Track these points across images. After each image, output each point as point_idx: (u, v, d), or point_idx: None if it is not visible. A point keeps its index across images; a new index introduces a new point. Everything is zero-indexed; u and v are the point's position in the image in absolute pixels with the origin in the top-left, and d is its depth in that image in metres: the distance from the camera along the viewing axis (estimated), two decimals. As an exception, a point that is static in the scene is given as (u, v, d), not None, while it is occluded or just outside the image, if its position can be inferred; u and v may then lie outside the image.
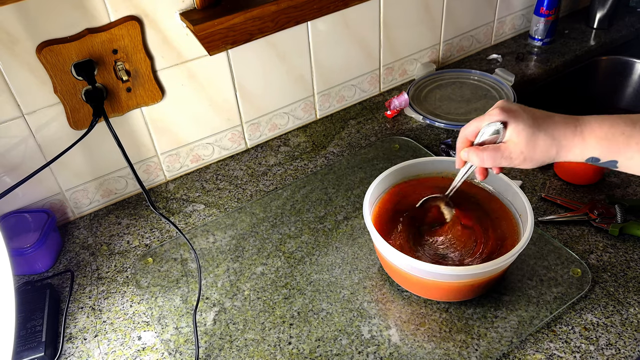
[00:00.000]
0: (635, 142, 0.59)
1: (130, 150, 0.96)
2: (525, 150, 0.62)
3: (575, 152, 0.62)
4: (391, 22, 1.15)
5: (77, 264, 0.90)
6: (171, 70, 0.94)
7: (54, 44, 0.81)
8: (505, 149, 0.64)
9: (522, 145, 0.62)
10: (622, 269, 0.81)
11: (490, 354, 0.72)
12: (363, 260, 0.86)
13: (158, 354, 0.76)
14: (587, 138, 0.61)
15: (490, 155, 0.64)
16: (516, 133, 0.62)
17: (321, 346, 0.74)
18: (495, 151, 0.64)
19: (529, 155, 0.63)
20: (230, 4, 0.91)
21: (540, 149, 0.62)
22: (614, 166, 0.62)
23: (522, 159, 0.63)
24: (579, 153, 0.62)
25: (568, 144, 0.62)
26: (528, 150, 0.62)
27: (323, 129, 1.16)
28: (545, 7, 1.32)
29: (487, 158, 0.65)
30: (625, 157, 0.60)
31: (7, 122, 0.84)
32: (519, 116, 0.63)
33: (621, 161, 0.61)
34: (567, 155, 0.62)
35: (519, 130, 0.62)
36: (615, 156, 0.61)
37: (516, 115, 0.63)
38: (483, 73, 1.24)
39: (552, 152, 0.62)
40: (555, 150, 0.62)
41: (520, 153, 0.63)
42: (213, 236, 0.92)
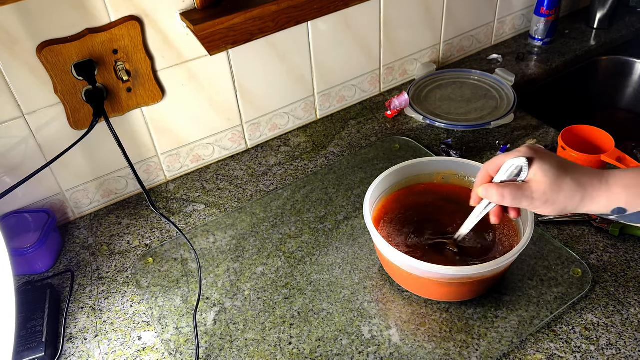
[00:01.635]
0: None
1: (131, 151, 0.96)
2: (549, 192, 0.59)
3: (601, 202, 0.59)
4: (391, 22, 1.15)
5: (78, 264, 0.90)
6: (171, 70, 0.94)
7: (54, 44, 0.81)
8: (528, 187, 0.61)
9: (546, 186, 0.60)
10: (623, 269, 0.81)
11: (490, 354, 0.72)
12: (363, 260, 0.86)
13: (158, 354, 0.76)
14: (613, 187, 0.58)
15: (512, 193, 0.61)
16: (542, 172, 0.60)
17: (322, 346, 0.74)
18: (517, 189, 0.61)
19: (551, 197, 0.60)
20: (231, 4, 0.90)
21: (564, 193, 0.59)
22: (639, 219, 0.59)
23: (544, 201, 0.60)
24: (605, 204, 0.59)
25: (594, 193, 0.59)
26: (552, 192, 0.59)
27: (323, 129, 1.16)
28: (545, 7, 1.32)
29: (508, 195, 0.61)
30: None
31: (7, 122, 0.84)
32: (546, 156, 0.60)
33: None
34: (591, 206, 0.60)
35: (545, 170, 0.59)
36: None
37: (543, 156, 0.60)
38: (483, 73, 1.24)
39: (577, 199, 0.59)
40: (579, 198, 0.59)
41: (543, 194, 0.60)
42: (213, 236, 0.92)
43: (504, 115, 1.12)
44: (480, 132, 1.11)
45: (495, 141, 1.07)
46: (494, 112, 1.14)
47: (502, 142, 1.07)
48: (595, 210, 0.60)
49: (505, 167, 0.62)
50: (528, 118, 1.14)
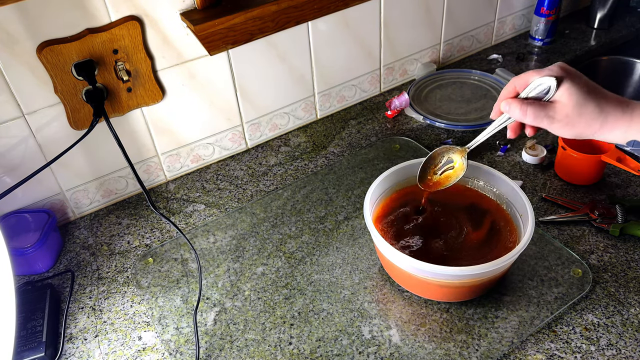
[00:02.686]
0: None
1: (131, 151, 0.96)
2: (571, 114, 0.60)
3: (617, 133, 0.60)
4: (391, 22, 1.15)
5: (78, 264, 0.90)
6: (171, 70, 0.94)
7: (54, 44, 0.80)
8: (551, 107, 0.61)
9: (569, 109, 0.60)
10: (623, 269, 0.81)
11: (490, 354, 0.72)
12: (364, 260, 0.86)
13: (158, 354, 0.76)
14: (635, 118, 0.59)
15: (534, 111, 0.61)
16: (568, 94, 0.60)
17: (322, 346, 0.74)
18: (541, 108, 0.61)
19: (572, 120, 0.60)
20: (231, 4, 0.90)
21: (585, 118, 0.60)
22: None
23: (565, 123, 0.61)
24: (621, 135, 0.60)
25: (614, 122, 0.59)
26: (574, 115, 0.60)
27: (323, 129, 1.16)
28: (545, 7, 1.32)
29: (531, 112, 0.62)
30: None
31: (7, 122, 0.84)
32: (576, 78, 0.61)
33: None
34: (608, 134, 0.60)
35: (572, 92, 0.60)
36: None
37: (574, 77, 0.61)
38: (483, 73, 1.24)
39: (596, 125, 0.60)
40: (599, 125, 0.60)
41: (565, 116, 0.60)
42: (213, 236, 0.92)
43: (504, 115, 1.11)
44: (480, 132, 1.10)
45: (495, 141, 1.07)
46: (494, 112, 1.14)
47: (502, 142, 1.07)
48: (611, 139, 0.61)
49: (533, 85, 0.62)
50: (528, 118, 1.14)
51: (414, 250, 0.78)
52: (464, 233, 0.80)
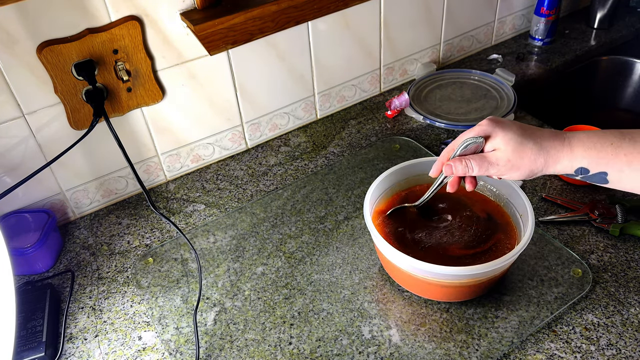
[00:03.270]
0: (623, 154, 0.59)
1: (131, 150, 0.96)
2: (513, 158, 0.63)
3: (564, 162, 0.62)
4: (391, 22, 1.15)
5: (78, 264, 0.90)
6: (171, 70, 0.94)
7: (54, 44, 0.80)
8: (492, 156, 0.65)
9: (509, 153, 0.63)
10: (623, 269, 0.81)
11: (490, 354, 0.72)
12: (363, 260, 0.86)
13: (158, 354, 0.76)
14: (575, 148, 0.62)
15: (477, 162, 0.65)
16: (504, 142, 0.63)
17: (322, 346, 0.74)
18: (481, 159, 0.65)
19: (516, 163, 0.63)
20: (231, 4, 0.90)
21: (527, 157, 0.63)
22: (604, 180, 0.62)
23: (510, 167, 0.64)
24: (568, 164, 0.62)
25: (556, 154, 0.62)
26: (515, 158, 0.63)
27: (323, 129, 1.16)
28: (545, 7, 1.32)
29: (474, 165, 0.65)
30: (614, 169, 0.60)
31: (7, 122, 0.84)
32: (507, 127, 0.64)
33: (610, 173, 0.61)
34: (555, 166, 0.63)
35: (507, 140, 0.63)
36: (604, 167, 0.61)
37: (504, 126, 0.64)
38: (483, 73, 1.24)
39: (540, 161, 0.63)
40: (543, 160, 0.63)
41: (507, 161, 0.64)
42: (213, 236, 0.92)
43: (504, 115, 1.12)
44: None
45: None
46: (494, 112, 1.14)
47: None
48: (560, 171, 0.63)
49: (464, 143, 0.66)
50: (528, 118, 1.14)
51: (414, 250, 0.78)
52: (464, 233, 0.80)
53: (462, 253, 0.77)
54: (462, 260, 0.76)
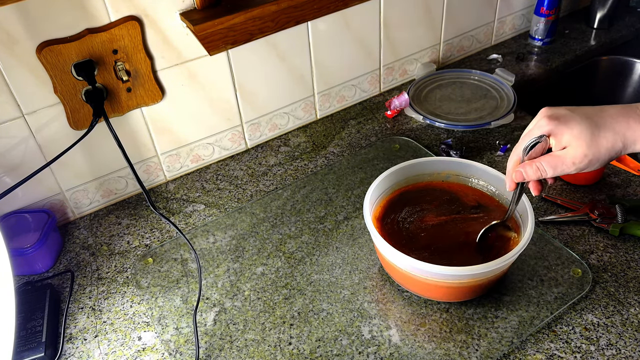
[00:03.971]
0: None
1: (131, 151, 0.96)
2: (589, 152, 0.59)
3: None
4: (391, 22, 1.15)
5: (77, 264, 0.90)
6: (171, 70, 0.94)
7: (54, 44, 0.80)
8: (565, 155, 0.60)
9: (584, 148, 0.59)
10: (623, 269, 0.81)
11: (490, 354, 0.72)
12: (363, 260, 0.86)
13: (158, 354, 0.76)
14: None
15: (550, 164, 0.61)
16: (574, 138, 0.59)
17: (321, 346, 0.74)
18: (554, 159, 0.61)
19: (594, 156, 0.59)
20: (231, 4, 0.90)
21: (604, 147, 0.58)
22: None
23: (588, 162, 0.59)
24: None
25: (634, 135, 0.58)
26: (592, 151, 0.59)
27: (323, 129, 1.16)
28: (545, 7, 1.32)
29: (547, 167, 0.61)
30: None
31: (7, 122, 0.84)
32: (571, 119, 0.59)
33: None
34: (635, 146, 0.58)
35: (577, 135, 0.59)
36: None
37: (568, 120, 0.60)
38: (483, 73, 1.24)
39: (618, 146, 0.58)
40: (621, 145, 0.58)
41: (584, 156, 0.59)
42: (213, 236, 0.92)
43: (504, 115, 1.12)
44: (480, 132, 1.11)
45: (495, 141, 1.07)
46: (494, 112, 1.14)
47: (502, 142, 1.07)
48: None
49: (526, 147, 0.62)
50: (528, 118, 1.14)
51: (414, 250, 0.78)
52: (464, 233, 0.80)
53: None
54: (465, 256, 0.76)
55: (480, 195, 0.86)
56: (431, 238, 0.80)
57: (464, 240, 0.79)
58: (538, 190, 0.68)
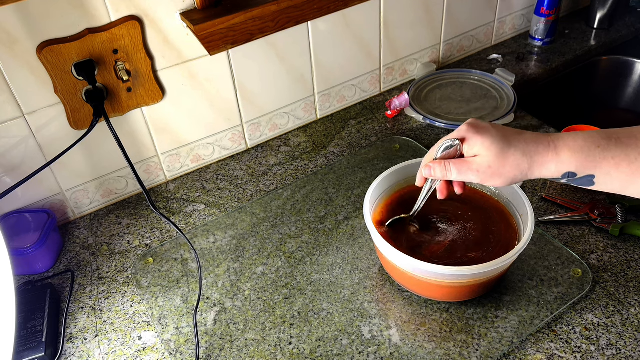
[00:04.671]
0: (611, 157, 0.58)
1: (131, 150, 0.96)
2: (494, 165, 0.61)
3: (550, 167, 0.60)
4: (391, 22, 1.15)
5: (78, 264, 0.90)
6: (171, 70, 0.94)
7: (54, 44, 0.80)
8: (472, 162, 0.63)
9: (490, 160, 0.61)
10: (623, 269, 0.81)
11: (490, 354, 0.72)
12: (363, 260, 0.86)
13: (158, 354, 0.76)
14: (561, 152, 0.59)
15: (456, 167, 0.64)
16: (485, 148, 0.61)
17: (322, 346, 0.74)
18: (461, 164, 0.64)
19: (497, 170, 0.61)
20: (231, 4, 0.90)
21: (510, 164, 0.61)
22: (590, 183, 0.60)
23: (491, 174, 0.62)
24: (554, 169, 0.60)
25: (541, 160, 0.60)
26: (497, 165, 0.61)
27: (323, 129, 1.16)
28: (545, 7, 1.32)
29: (453, 169, 0.64)
30: (602, 171, 0.59)
31: (7, 122, 0.84)
32: (487, 132, 0.62)
33: (598, 176, 0.59)
34: (541, 172, 0.61)
35: (488, 145, 0.61)
36: (592, 170, 0.59)
37: (484, 131, 0.62)
38: (483, 73, 1.24)
39: (524, 167, 0.61)
40: (527, 166, 0.61)
41: (488, 167, 0.62)
42: (213, 236, 0.92)
43: (504, 115, 1.12)
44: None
45: (496, 141, 1.07)
46: (494, 112, 1.14)
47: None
48: (546, 176, 0.61)
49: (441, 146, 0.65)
50: (528, 118, 1.14)
51: (414, 250, 0.78)
52: (464, 233, 0.80)
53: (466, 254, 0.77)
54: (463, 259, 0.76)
55: (479, 195, 0.86)
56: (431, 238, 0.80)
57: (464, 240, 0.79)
58: (443, 195, 0.71)
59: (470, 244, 0.79)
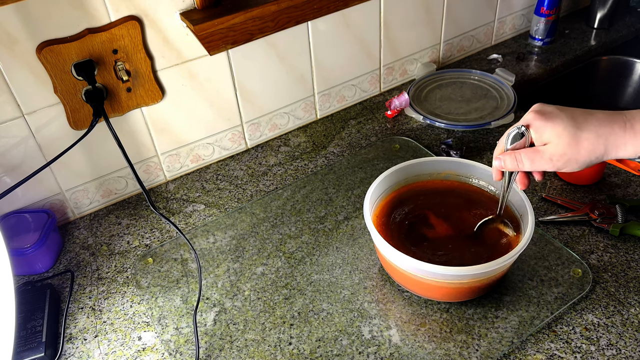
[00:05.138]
0: None
1: (131, 150, 0.96)
2: (569, 151, 0.59)
3: (628, 149, 0.58)
4: (391, 22, 1.15)
5: (77, 264, 0.90)
6: (171, 70, 0.94)
7: (54, 44, 0.80)
8: (545, 151, 0.60)
9: (564, 147, 0.59)
10: (623, 269, 0.81)
11: (491, 355, 0.72)
12: (363, 260, 0.86)
13: (158, 355, 0.76)
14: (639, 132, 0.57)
15: (528, 156, 0.61)
16: (556, 135, 0.59)
17: (322, 346, 0.74)
18: (533, 152, 0.61)
19: (573, 156, 0.59)
20: (231, 4, 0.90)
21: (584, 148, 0.58)
22: None
23: (566, 161, 0.60)
24: (632, 150, 0.58)
25: (617, 141, 0.58)
26: (571, 151, 0.59)
27: (323, 129, 1.16)
28: (545, 7, 1.32)
29: (525, 159, 0.62)
30: None
31: (7, 122, 0.84)
32: (556, 117, 0.60)
33: None
34: (617, 153, 0.58)
35: (559, 132, 0.59)
36: None
37: (553, 117, 0.60)
38: (483, 73, 1.24)
39: (599, 150, 0.58)
40: (602, 149, 0.58)
41: (562, 155, 0.59)
42: (213, 236, 0.92)
43: (504, 115, 1.12)
44: (480, 132, 1.11)
45: (496, 141, 1.07)
46: (494, 112, 1.14)
47: (502, 142, 1.07)
48: (622, 156, 0.59)
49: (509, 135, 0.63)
50: (528, 118, 1.14)
51: (414, 250, 0.78)
52: (464, 233, 0.80)
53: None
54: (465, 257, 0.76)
55: (480, 195, 0.86)
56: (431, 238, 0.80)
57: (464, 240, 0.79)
58: (524, 185, 0.69)
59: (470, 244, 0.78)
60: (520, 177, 0.69)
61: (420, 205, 0.85)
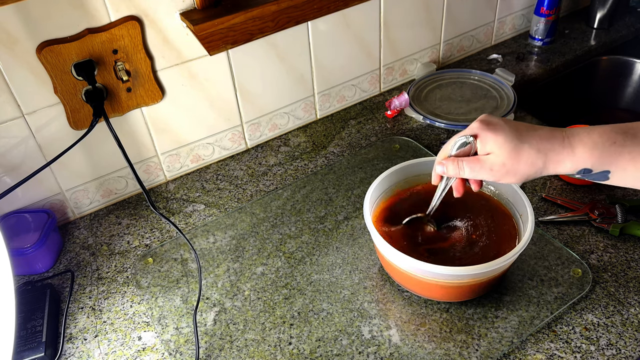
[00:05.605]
0: (627, 152, 0.57)
1: (131, 150, 0.96)
2: (509, 162, 0.60)
3: (566, 164, 0.59)
4: (391, 22, 1.15)
5: (78, 264, 0.90)
6: (171, 70, 0.94)
7: (54, 44, 0.80)
8: (485, 160, 0.62)
9: (504, 158, 0.60)
10: (623, 269, 0.81)
11: (490, 354, 0.72)
12: (363, 260, 0.86)
13: (158, 354, 0.76)
14: (576, 149, 0.59)
15: (469, 165, 0.63)
16: (497, 146, 0.60)
17: (322, 346, 0.74)
18: (474, 161, 0.62)
19: (512, 168, 0.60)
20: (231, 4, 0.90)
21: (524, 161, 0.60)
22: (605, 178, 0.59)
23: (505, 172, 0.61)
24: (570, 166, 0.59)
25: (556, 157, 0.59)
26: (511, 162, 0.60)
27: (323, 129, 1.16)
28: (545, 7, 1.32)
29: (466, 167, 0.63)
30: (618, 167, 0.58)
31: (7, 122, 0.84)
32: (500, 129, 0.61)
33: (614, 171, 0.59)
34: (556, 168, 0.60)
35: (501, 143, 0.60)
36: (608, 166, 0.58)
37: (498, 128, 0.61)
38: (483, 73, 1.24)
39: (538, 164, 0.60)
40: (541, 164, 0.60)
41: (502, 165, 0.61)
42: (213, 236, 0.92)
43: (504, 115, 1.12)
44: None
45: (495, 141, 1.07)
46: (494, 112, 1.14)
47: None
48: (560, 172, 0.61)
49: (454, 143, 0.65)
50: (528, 118, 1.14)
51: (413, 250, 0.78)
52: (464, 232, 0.80)
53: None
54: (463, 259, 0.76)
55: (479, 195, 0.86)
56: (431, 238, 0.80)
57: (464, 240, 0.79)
58: (459, 193, 0.70)
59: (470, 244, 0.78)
60: (457, 184, 0.70)
61: (420, 205, 0.85)
